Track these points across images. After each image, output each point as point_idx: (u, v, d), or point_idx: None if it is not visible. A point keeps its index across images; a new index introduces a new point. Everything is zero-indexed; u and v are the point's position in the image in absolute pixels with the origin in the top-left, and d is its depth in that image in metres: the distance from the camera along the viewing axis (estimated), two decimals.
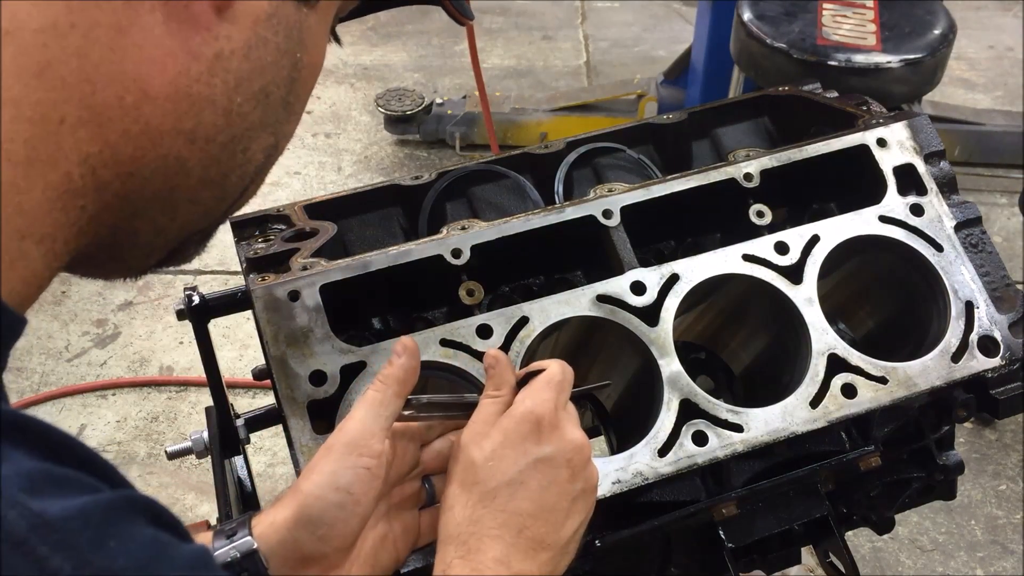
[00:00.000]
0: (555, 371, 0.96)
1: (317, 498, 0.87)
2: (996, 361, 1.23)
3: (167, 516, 0.59)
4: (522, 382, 0.97)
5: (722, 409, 1.14)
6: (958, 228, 1.30)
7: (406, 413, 0.94)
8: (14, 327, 0.58)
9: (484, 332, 1.15)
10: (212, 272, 3.64)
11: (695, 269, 1.22)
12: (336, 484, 0.87)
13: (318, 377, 1.09)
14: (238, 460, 1.43)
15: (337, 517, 0.87)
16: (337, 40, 0.85)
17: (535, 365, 0.99)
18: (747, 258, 1.24)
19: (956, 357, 1.22)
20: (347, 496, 0.87)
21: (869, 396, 1.18)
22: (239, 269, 1.24)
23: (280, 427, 1.12)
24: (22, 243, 0.59)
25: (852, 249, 1.28)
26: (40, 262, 0.61)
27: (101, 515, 0.52)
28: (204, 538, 0.87)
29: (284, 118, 0.72)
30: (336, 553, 0.89)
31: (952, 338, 1.23)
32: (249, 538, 0.86)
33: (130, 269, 0.74)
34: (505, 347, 1.14)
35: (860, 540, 2.70)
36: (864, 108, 1.45)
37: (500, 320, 1.15)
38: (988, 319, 1.25)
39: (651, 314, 1.18)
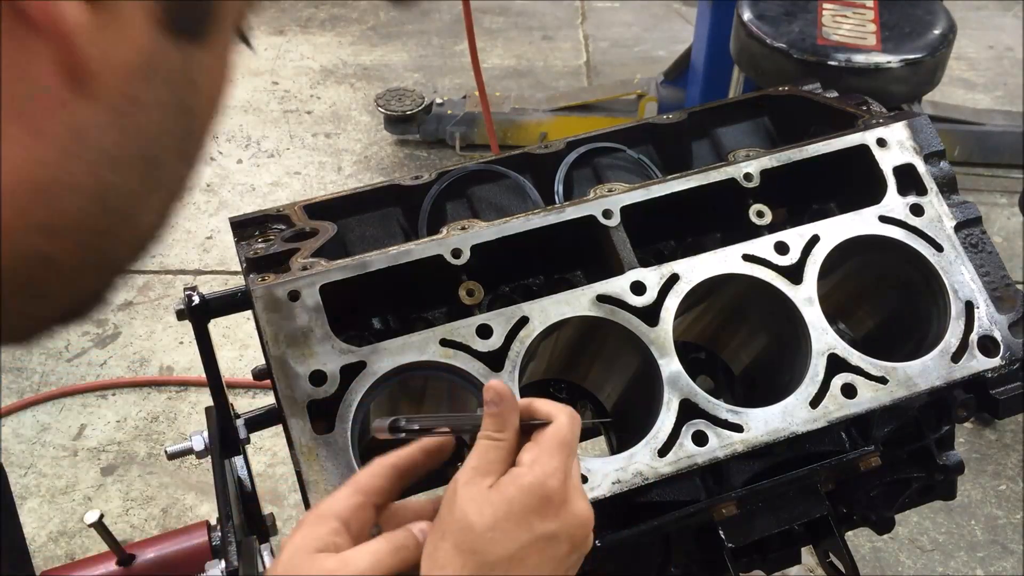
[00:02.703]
0: (564, 428, 0.87)
1: None
2: (996, 361, 1.23)
3: None
4: (525, 426, 0.88)
5: (722, 409, 1.14)
6: (958, 228, 1.29)
7: (401, 436, 0.89)
8: None
9: (484, 332, 1.14)
10: (212, 272, 3.65)
11: (695, 269, 1.22)
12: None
13: (318, 377, 1.09)
14: (238, 460, 1.44)
15: None
16: (247, 43, 0.67)
17: (538, 407, 0.89)
18: (747, 258, 1.24)
19: (956, 357, 1.22)
20: None
21: (869, 396, 1.18)
22: (239, 269, 1.24)
23: (280, 427, 1.12)
24: None
25: (852, 249, 1.28)
26: None
27: None
28: None
29: (180, 168, 0.61)
30: None
31: (952, 338, 1.23)
32: None
33: (9, 344, 0.63)
34: (505, 347, 1.14)
35: (860, 540, 2.70)
36: (864, 108, 1.45)
37: (500, 320, 1.15)
38: (988, 319, 1.25)
39: (651, 314, 1.18)
